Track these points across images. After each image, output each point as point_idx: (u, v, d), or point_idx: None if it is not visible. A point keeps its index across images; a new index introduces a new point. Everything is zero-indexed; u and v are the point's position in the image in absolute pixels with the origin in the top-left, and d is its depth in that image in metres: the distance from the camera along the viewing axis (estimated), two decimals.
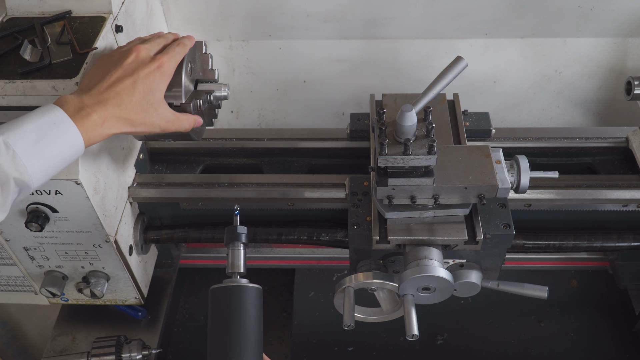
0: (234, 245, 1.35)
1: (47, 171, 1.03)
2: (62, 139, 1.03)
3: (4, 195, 0.98)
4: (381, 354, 1.75)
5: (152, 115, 1.16)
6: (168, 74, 1.19)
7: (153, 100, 1.16)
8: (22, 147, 0.98)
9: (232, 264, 1.33)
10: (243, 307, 1.26)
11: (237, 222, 1.38)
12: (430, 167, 1.22)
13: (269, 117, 2.15)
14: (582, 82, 2.03)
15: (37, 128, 1.01)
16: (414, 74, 2.01)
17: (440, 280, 1.26)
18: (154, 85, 1.15)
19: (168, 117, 1.20)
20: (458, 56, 1.21)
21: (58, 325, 1.76)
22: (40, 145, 1.00)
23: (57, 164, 1.04)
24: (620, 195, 1.49)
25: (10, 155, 0.97)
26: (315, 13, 1.86)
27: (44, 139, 1.01)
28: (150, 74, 1.15)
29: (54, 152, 1.02)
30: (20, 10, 1.39)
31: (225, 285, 1.29)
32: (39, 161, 1.00)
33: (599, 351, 1.75)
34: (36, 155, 1.00)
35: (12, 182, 0.98)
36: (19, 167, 0.98)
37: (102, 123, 1.08)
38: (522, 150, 1.65)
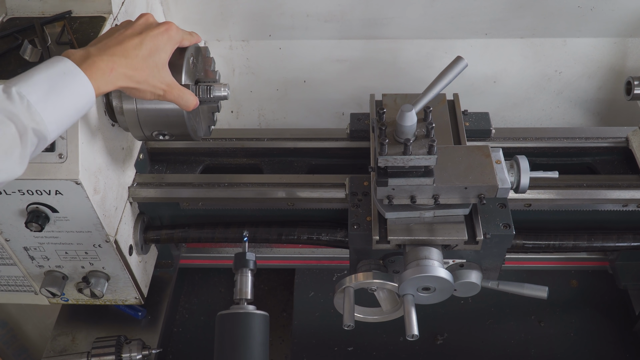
0: (242, 272, 1.37)
1: (62, 121, 1.03)
2: (73, 88, 1.03)
3: (24, 147, 0.98)
4: (381, 354, 1.75)
5: (155, 76, 1.16)
6: (175, 39, 1.20)
7: (158, 60, 1.16)
8: (35, 97, 0.98)
9: (240, 290, 1.34)
10: (250, 334, 1.27)
11: (245, 249, 1.39)
12: (430, 167, 1.22)
13: (269, 117, 2.15)
14: (582, 82, 2.03)
15: (48, 78, 1.01)
16: (414, 74, 2.01)
17: (440, 280, 1.26)
18: (161, 46, 1.16)
19: (170, 82, 1.19)
20: (458, 56, 1.21)
21: (58, 325, 1.76)
22: (52, 95, 1.00)
23: (71, 115, 1.04)
24: (620, 195, 1.49)
25: (25, 105, 0.97)
26: (315, 13, 1.86)
27: (55, 89, 1.01)
28: (158, 34, 1.16)
29: (66, 102, 1.02)
30: (20, 10, 1.39)
31: (233, 311, 1.30)
32: (54, 111, 1.00)
33: (599, 351, 1.75)
34: (50, 105, 1.00)
35: (31, 132, 0.98)
36: (35, 116, 0.98)
37: (109, 71, 1.08)
38: (522, 150, 1.65)
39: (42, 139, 1.01)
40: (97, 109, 1.31)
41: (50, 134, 1.01)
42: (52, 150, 1.24)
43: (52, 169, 1.24)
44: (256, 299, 1.97)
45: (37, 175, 1.24)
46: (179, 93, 1.21)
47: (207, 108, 1.41)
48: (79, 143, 1.24)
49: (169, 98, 1.20)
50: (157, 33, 1.17)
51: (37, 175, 1.24)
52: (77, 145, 1.24)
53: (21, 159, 0.99)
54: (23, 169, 1.00)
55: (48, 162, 1.24)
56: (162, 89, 1.18)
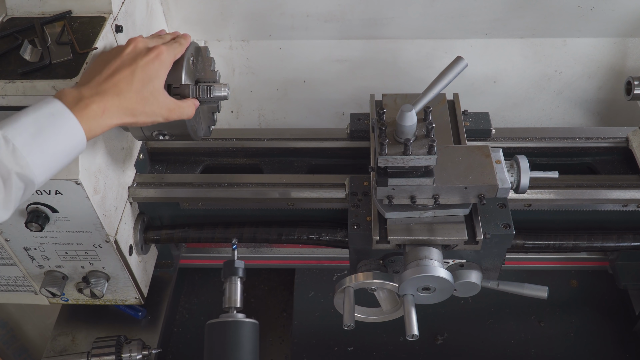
0: (231, 279, 1.37)
1: (50, 166, 1.01)
2: (62, 130, 1.01)
3: (7, 192, 0.96)
4: (381, 354, 1.75)
5: (152, 104, 1.14)
6: (167, 63, 1.19)
7: (153, 88, 1.14)
8: (21, 140, 0.96)
9: (229, 299, 1.35)
10: (239, 342, 1.28)
11: (235, 257, 1.39)
12: (430, 167, 1.22)
13: (269, 117, 2.15)
14: (582, 82, 2.03)
15: (35, 121, 0.99)
16: (414, 74, 2.01)
17: (440, 280, 1.26)
18: (153, 74, 1.15)
19: (169, 105, 1.18)
20: (458, 56, 1.21)
21: (58, 325, 1.76)
22: (39, 139, 0.98)
23: (60, 158, 1.02)
24: (620, 195, 1.49)
25: (10, 149, 0.95)
26: (315, 13, 1.86)
27: (43, 131, 0.99)
28: (148, 62, 1.15)
29: (54, 145, 1.00)
30: (20, 10, 1.39)
31: (222, 320, 1.30)
32: (40, 155, 0.98)
33: (599, 351, 1.75)
34: (36, 149, 0.97)
35: (15, 177, 0.96)
36: (20, 161, 0.96)
37: (101, 113, 1.06)
38: (522, 150, 1.65)
39: (29, 183, 0.98)
40: None
41: (36, 177, 0.99)
42: None
43: None
44: (256, 299, 1.98)
45: None
46: (180, 111, 1.20)
47: (207, 108, 1.41)
48: None
49: (172, 119, 1.20)
50: (148, 61, 1.15)
51: None
52: None
53: (5, 204, 0.96)
54: (8, 213, 0.98)
55: None
56: (162, 115, 1.17)
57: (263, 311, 1.96)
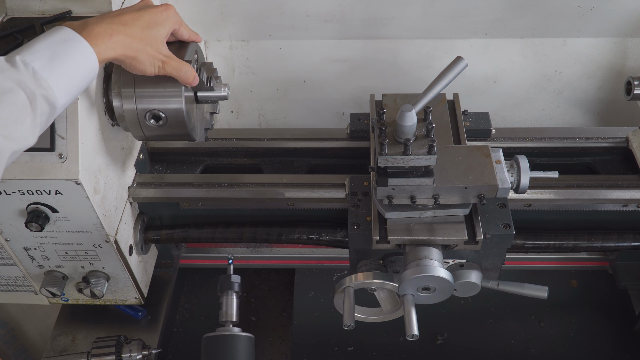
0: (227, 294, 1.38)
1: (70, 88, 1.03)
2: (75, 53, 1.03)
3: (34, 114, 0.97)
4: (381, 354, 1.75)
5: (154, 46, 1.18)
6: (173, 19, 1.23)
7: (157, 34, 1.18)
8: (39, 63, 0.98)
9: (226, 313, 1.36)
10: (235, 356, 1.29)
11: (230, 271, 1.39)
12: (430, 167, 1.22)
13: (269, 117, 2.15)
14: (582, 82, 2.03)
15: (49, 46, 1.01)
16: (414, 74, 2.01)
17: (440, 280, 1.26)
18: (159, 21, 1.19)
19: (169, 54, 1.21)
20: (458, 56, 1.21)
21: (58, 325, 1.76)
22: (56, 62, 1.00)
23: (77, 81, 1.04)
24: (620, 195, 1.49)
25: (30, 72, 0.97)
26: (315, 13, 1.86)
27: (58, 55, 1.01)
28: (157, 12, 1.20)
29: (71, 68, 1.02)
30: (20, 10, 1.39)
31: (218, 334, 1.31)
32: (59, 77, 1.00)
33: (599, 351, 1.75)
34: (55, 71, 0.99)
35: (40, 98, 0.97)
36: (42, 83, 0.97)
37: (109, 37, 1.09)
38: (522, 150, 1.65)
39: (52, 106, 1.00)
40: (97, 109, 1.31)
41: (59, 100, 1.00)
42: (52, 150, 1.24)
43: (52, 169, 1.24)
44: (256, 299, 1.98)
45: (37, 175, 1.24)
46: (177, 65, 1.21)
47: (205, 108, 1.41)
48: (79, 143, 1.24)
49: (168, 70, 1.20)
50: (157, 10, 1.20)
51: (37, 175, 1.24)
52: (77, 145, 1.24)
53: (33, 128, 0.98)
54: (35, 137, 1.00)
55: (48, 162, 1.24)
56: (161, 60, 1.18)
57: (263, 311, 1.96)
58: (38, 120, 0.98)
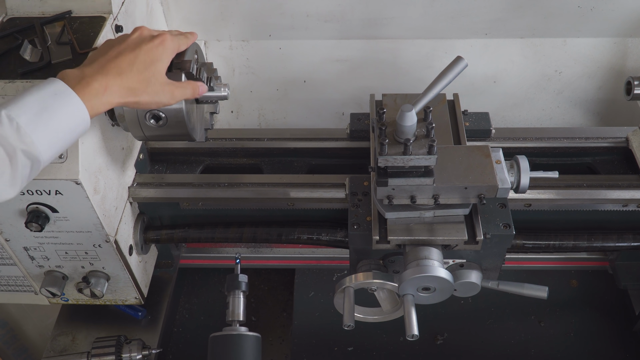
0: (234, 293, 1.38)
1: (55, 143, 1.02)
2: (65, 108, 1.02)
3: (13, 169, 0.97)
4: (381, 354, 1.75)
5: (154, 85, 1.15)
6: (170, 50, 1.19)
7: (155, 71, 1.15)
8: (25, 118, 0.97)
9: (233, 312, 1.36)
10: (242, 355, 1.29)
11: (238, 271, 1.39)
12: (430, 167, 1.22)
13: (269, 117, 2.15)
14: (582, 82, 2.03)
15: (39, 100, 1.01)
16: (414, 74, 2.01)
17: (440, 280, 1.26)
18: (156, 57, 1.16)
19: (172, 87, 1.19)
20: (458, 56, 1.21)
21: (58, 325, 1.76)
22: (43, 116, 0.99)
23: (64, 136, 1.03)
24: (620, 195, 1.49)
25: (14, 127, 0.96)
26: (315, 13, 1.86)
27: (46, 110, 1.00)
28: (152, 47, 1.16)
29: (58, 123, 1.01)
30: (20, 10, 1.39)
31: (225, 333, 1.31)
32: (45, 133, 0.99)
33: (599, 351, 1.75)
34: (41, 126, 0.99)
35: (20, 154, 0.97)
36: (25, 138, 0.97)
37: (103, 91, 1.07)
38: (522, 150, 1.65)
39: (35, 160, 1.00)
40: None
41: (42, 155, 1.00)
42: None
43: (52, 169, 1.24)
44: (256, 299, 1.98)
45: (37, 175, 1.23)
46: (183, 92, 1.20)
47: (205, 108, 1.41)
48: (79, 143, 1.24)
49: (178, 97, 1.20)
50: (152, 46, 1.16)
51: (37, 175, 1.23)
52: (77, 145, 1.24)
53: (12, 181, 0.98)
54: (15, 191, 1.00)
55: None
56: (166, 97, 1.17)
57: (263, 311, 1.96)
58: (18, 174, 0.98)
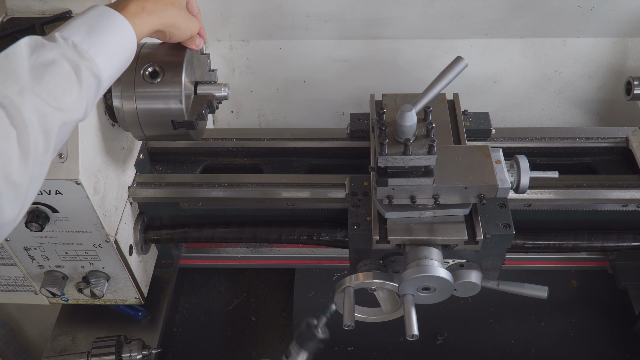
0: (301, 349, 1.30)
1: (112, 61, 1.03)
2: (112, 26, 1.04)
3: (80, 85, 0.96)
4: (381, 354, 1.75)
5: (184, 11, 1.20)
6: None
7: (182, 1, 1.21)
8: (78, 37, 0.98)
9: None
10: None
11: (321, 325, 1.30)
12: (430, 167, 1.22)
13: (269, 117, 2.15)
14: (582, 82, 2.03)
15: (86, 22, 1.02)
16: (414, 74, 2.01)
17: (440, 280, 1.26)
18: None
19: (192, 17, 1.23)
20: (458, 56, 1.21)
21: (58, 325, 1.76)
22: (94, 35, 1.00)
23: (118, 55, 1.04)
24: (620, 195, 1.49)
25: (70, 45, 0.97)
26: (315, 13, 1.86)
27: (95, 29, 1.01)
28: None
29: (109, 41, 1.02)
30: (20, 10, 1.39)
31: None
32: (100, 50, 1.00)
33: (599, 351, 1.75)
34: (95, 44, 0.99)
35: (85, 69, 0.97)
36: (84, 54, 0.97)
37: (141, 11, 1.10)
38: (522, 150, 1.65)
39: (97, 78, 0.99)
40: (97, 109, 1.31)
41: (102, 72, 1.00)
42: None
43: (52, 169, 1.24)
44: (256, 299, 1.98)
45: None
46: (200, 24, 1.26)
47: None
48: (79, 143, 1.24)
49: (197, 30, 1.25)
50: None
51: None
52: (77, 145, 1.24)
53: (80, 99, 0.97)
54: (83, 111, 0.98)
55: None
56: (194, 23, 1.22)
57: (263, 311, 1.96)
58: (85, 92, 0.97)
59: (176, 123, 1.29)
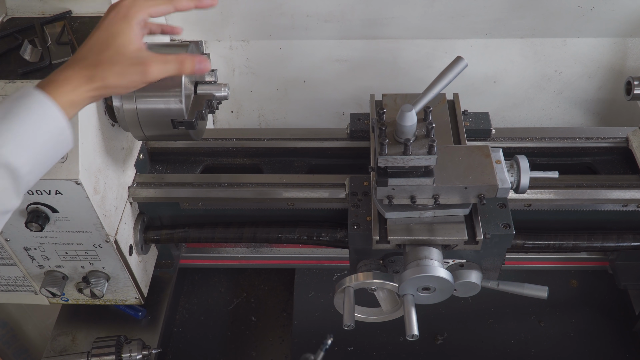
0: None
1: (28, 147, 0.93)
2: (30, 109, 0.93)
3: None
4: (381, 354, 1.75)
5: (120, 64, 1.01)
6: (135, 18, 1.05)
7: (118, 47, 1.02)
8: None
9: None
10: None
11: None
12: (430, 167, 1.22)
13: (269, 117, 2.15)
14: (582, 82, 2.03)
15: (3, 107, 0.93)
16: (414, 74, 2.01)
17: (440, 280, 1.26)
18: (117, 31, 1.03)
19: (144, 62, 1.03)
20: (458, 56, 1.21)
21: (58, 325, 1.76)
22: (4, 122, 0.91)
23: (35, 138, 0.93)
24: (620, 195, 1.49)
25: None
26: (315, 13, 1.86)
27: (9, 113, 0.92)
28: (112, 21, 1.04)
29: (23, 126, 0.92)
30: (20, 10, 1.39)
31: None
32: (10, 137, 0.91)
33: (599, 351, 1.75)
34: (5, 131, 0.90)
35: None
36: None
37: (66, 83, 0.98)
38: (522, 150, 1.65)
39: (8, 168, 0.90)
40: (97, 109, 1.31)
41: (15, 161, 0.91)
42: None
43: (52, 169, 1.22)
44: (256, 299, 1.98)
45: None
46: (162, 68, 1.04)
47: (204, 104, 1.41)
48: (79, 143, 1.24)
49: (155, 73, 1.04)
50: (111, 20, 1.04)
51: None
52: (77, 146, 1.24)
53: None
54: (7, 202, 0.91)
55: None
56: (137, 75, 1.02)
57: (263, 311, 1.96)
58: None
59: (176, 123, 1.29)
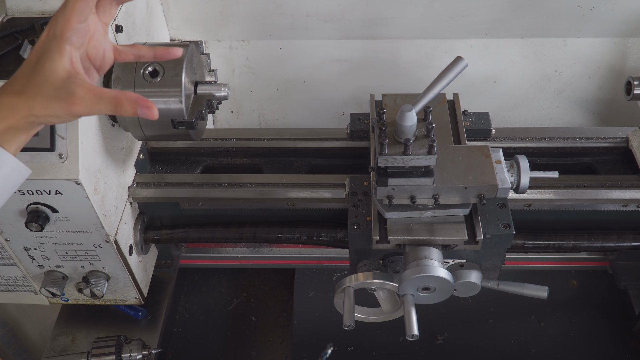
0: None
1: None
2: None
3: None
4: (381, 354, 1.75)
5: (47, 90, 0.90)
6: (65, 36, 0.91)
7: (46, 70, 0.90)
8: None
9: None
10: None
11: None
12: (430, 167, 1.22)
13: (269, 117, 2.15)
14: (582, 82, 2.03)
15: None
16: (414, 74, 2.01)
17: (440, 280, 1.26)
18: (45, 50, 0.92)
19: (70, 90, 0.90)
20: (458, 56, 1.21)
21: (58, 325, 1.76)
22: None
23: None
24: (620, 195, 1.49)
25: None
26: (315, 13, 1.86)
27: None
28: (42, 39, 0.93)
29: None
30: (20, 10, 1.39)
31: None
32: None
33: (599, 351, 1.75)
34: None
35: None
36: None
37: None
38: (522, 150, 1.65)
39: None
40: None
41: None
42: (52, 150, 1.24)
43: (52, 169, 1.24)
44: (256, 299, 1.98)
45: (37, 175, 1.24)
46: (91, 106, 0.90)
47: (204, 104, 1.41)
48: (79, 143, 1.24)
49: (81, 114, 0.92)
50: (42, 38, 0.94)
51: (37, 175, 1.24)
52: (77, 145, 1.24)
53: None
54: None
55: (48, 162, 1.24)
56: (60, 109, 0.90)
57: (263, 311, 1.96)
58: None
59: (176, 123, 1.29)
